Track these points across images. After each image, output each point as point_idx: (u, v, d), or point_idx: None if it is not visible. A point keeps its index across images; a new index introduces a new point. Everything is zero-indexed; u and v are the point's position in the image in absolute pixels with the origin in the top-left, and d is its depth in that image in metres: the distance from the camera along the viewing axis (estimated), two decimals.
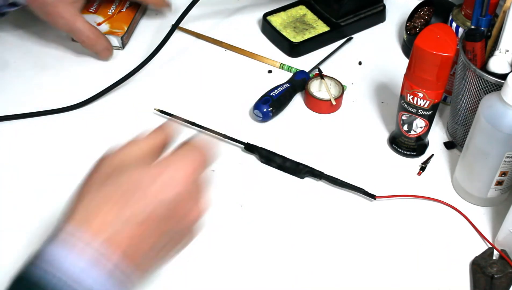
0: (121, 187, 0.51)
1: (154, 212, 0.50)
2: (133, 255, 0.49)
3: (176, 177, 0.52)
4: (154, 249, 0.52)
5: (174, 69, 0.90)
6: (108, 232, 0.47)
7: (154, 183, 0.51)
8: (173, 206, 0.52)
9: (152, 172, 0.52)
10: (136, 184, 0.51)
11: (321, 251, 0.70)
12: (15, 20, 0.96)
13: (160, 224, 0.51)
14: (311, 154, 0.79)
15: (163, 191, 0.51)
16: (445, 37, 0.70)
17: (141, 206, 0.50)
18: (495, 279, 0.67)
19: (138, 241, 0.50)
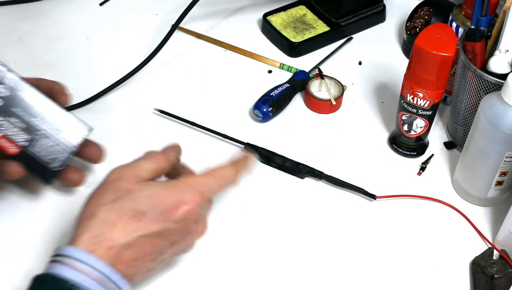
0: (132, 208, 0.55)
1: (163, 231, 0.55)
2: (132, 274, 0.55)
3: (189, 201, 0.57)
4: (152, 265, 0.57)
5: (174, 69, 0.90)
6: (115, 254, 0.53)
7: (166, 204, 0.56)
8: (181, 225, 0.57)
9: (166, 193, 0.57)
10: (146, 205, 0.55)
11: (321, 251, 0.69)
12: (15, 20, 0.96)
13: (165, 241, 0.56)
14: (311, 154, 0.79)
15: (174, 211, 0.56)
16: (445, 37, 0.70)
17: (151, 226, 0.55)
18: (495, 279, 0.67)
19: (140, 261, 0.55)
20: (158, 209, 0.55)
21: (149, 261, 0.56)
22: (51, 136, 0.66)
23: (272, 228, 0.71)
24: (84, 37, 0.94)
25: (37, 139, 0.65)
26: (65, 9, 0.98)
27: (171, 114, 0.82)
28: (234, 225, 0.71)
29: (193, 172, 0.64)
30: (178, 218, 0.56)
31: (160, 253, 0.56)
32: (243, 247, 0.69)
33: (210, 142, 0.80)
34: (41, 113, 0.66)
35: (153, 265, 0.57)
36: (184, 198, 0.56)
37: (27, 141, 0.65)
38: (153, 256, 0.55)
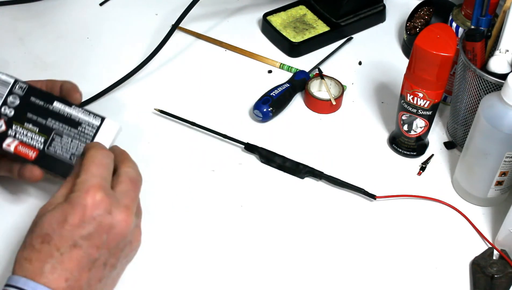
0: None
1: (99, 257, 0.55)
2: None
3: (120, 219, 0.56)
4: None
5: (174, 69, 0.90)
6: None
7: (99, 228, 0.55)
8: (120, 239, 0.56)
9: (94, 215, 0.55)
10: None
11: (321, 251, 0.69)
12: (15, 20, 0.96)
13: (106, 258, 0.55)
14: (311, 154, 0.79)
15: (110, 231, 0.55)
16: (445, 37, 0.70)
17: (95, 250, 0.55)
18: (495, 279, 0.67)
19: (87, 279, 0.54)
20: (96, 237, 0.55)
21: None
22: (67, 133, 0.66)
23: (272, 228, 0.71)
24: (84, 37, 0.94)
25: (54, 138, 0.66)
26: (65, 9, 0.98)
27: (171, 114, 0.82)
28: (234, 225, 0.71)
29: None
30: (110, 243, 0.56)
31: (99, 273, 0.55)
32: (243, 247, 0.69)
33: (210, 142, 0.80)
34: (55, 113, 0.66)
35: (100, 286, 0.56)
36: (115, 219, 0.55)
37: (44, 143, 0.66)
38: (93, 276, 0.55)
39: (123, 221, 0.55)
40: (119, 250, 0.56)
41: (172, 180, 0.75)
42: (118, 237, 0.55)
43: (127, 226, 0.56)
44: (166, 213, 0.72)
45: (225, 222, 0.72)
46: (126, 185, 0.58)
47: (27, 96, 0.67)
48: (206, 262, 0.68)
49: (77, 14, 0.98)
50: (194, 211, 0.72)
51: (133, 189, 0.59)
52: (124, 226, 0.55)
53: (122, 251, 0.56)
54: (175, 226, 0.70)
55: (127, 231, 0.56)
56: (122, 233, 0.55)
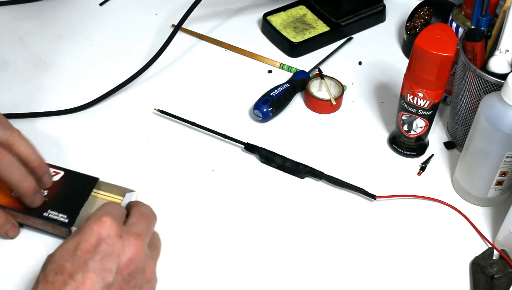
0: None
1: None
2: None
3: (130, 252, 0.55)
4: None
5: (174, 69, 0.90)
6: None
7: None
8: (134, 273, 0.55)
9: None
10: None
11: (321, 251, 0.69)
12: (15, 20, 0.96)
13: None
14: (311, 154, 0.79)
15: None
16: (445, 37, 0.70)
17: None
18: (495, 279, 0.67)
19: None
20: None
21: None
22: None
23: (272, 228, 0.71)
24: (84, 37, 0.94)
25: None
26: (65, 9, 0.98)
27: (171, 114, 0.82)
28: (234, 225, 0.71)
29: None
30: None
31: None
32: (243, 247, 0.69)
33: (210, 142, 0.80)
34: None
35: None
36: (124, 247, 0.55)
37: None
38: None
39: (134, 245, 0.55)
40: (133, 278, 0.54)
41: (172, 180, 0.75)
42: (130, 263, 0.54)
43: (139, 252, 0.55)
44: (166, 213, 0.72)
45: (225, 222, 0.72)
46: (136, 219, 0.58)
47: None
48: (206, 262, 0.68)
49: (77, 14, 0.98)
50: (194, 211, 0.72)
51: (144, 221, 0.58)
52: (135, 251, 0.54)
53: (136, 279, 0.55)
54: (175, 226, 0.70)
55: (139, 256, 0.55)
56: (134, 258, 0.54)
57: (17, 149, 0.64)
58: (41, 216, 0.67)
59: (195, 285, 0.66)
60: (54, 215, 0.67)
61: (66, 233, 0.67)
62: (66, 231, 0.67)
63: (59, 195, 0.69)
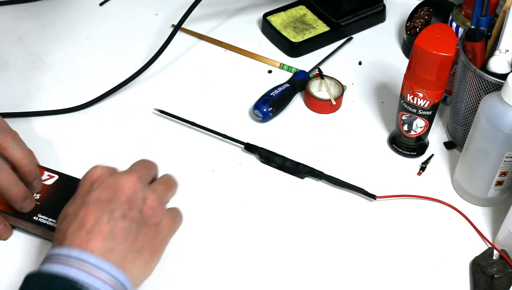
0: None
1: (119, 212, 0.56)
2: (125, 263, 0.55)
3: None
4: (132, 246, 0.55)
5: (174, 69, 0.90)
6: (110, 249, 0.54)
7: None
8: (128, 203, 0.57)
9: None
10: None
11: (321, 251, 0.69)
12: (15, 20, 0.96)
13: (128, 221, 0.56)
14: (311, 154, 0.79)
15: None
16: (445, 37, 0.70)
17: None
18: (495, 279, 0.67)
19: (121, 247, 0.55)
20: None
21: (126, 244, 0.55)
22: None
23: (272, 228, 0.71)
24: (84, 37, 0.94)
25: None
26: (65, 9, 0.98)
27: (171, 114, 0.82)
28: (234, 225, 0.71)
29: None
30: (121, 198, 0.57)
31: (130, 233, 0.56)
32: (243, 247, 0.69)
33: (210, 142, 0.80)
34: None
35: (134, 247, 0.55)
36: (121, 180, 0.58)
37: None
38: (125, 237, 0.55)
39: (126, 178, 0.57)
40: (134, 205, 0.56)
41: None
42: (126, 191, 0.56)
43: (132, 181, 0.57)
44: None
45: (225, 222, 0.72)
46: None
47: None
48: (206, 262, 0.68)
49: (77, 14, 0.98)
50: (194, 211, 0.72)
51: (143, 166, 0.61)
52: (127, 180, 0.57)
53: (137, 206, 0.56)
54: None
55: (134, 186, 0.57)
56: (128, 187, 0.57)
57: (10, 153, 0.65)
58: (31, 220, 0.66)
59: (195, 285, 0.66)
60: (44, 219, 0.66)
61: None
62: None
63: (51, 199, 0.68)
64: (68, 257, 0.52)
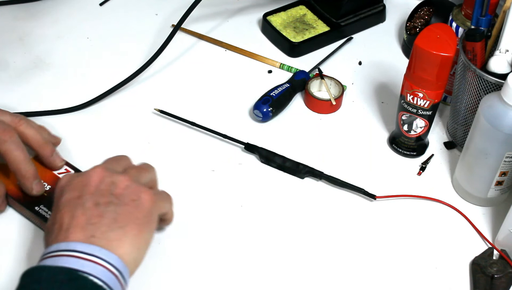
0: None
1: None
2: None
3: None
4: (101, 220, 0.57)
5: (174, 69, 0.90)
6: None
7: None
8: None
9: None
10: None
11: (321, 251, 0.69)
12: (15, 20, 0.96)
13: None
14: (311, 154, 0.79)
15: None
16: (445, 37, 0.70)
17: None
18: (495, 279, 0.67)
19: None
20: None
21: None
22: None
23: (272, 228, 0.71)
24: (84, 37, 0.94)
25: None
26: (65, 9, 0.98)
27: (171, 114, 0.82)
28: (234, 225, 0.71)
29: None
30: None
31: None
32: (243, 247, 0.69)
33: (210, 142, 0.80)
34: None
35: (116, 226, 0.56)
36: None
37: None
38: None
39: (91, 172, 0.60)
40: (105, 191, 0.58)
41: (172, 180, 0.75)
42: (92, 184, 0.58)
43: (97, 173, 0.59)
44: None
45: (225, 222, 0.72)
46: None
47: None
48: (206, 262, 0.68)
49: (77, 14, 0.98)
50: (194, 211, 0.72)
51: (107, 159, 0.64)
52: (92, 174, 0.59)
53: (109, 191, 0.58)
54: (175, 226, 0.70)
55: (100, 177, 0.59)
56: (95, 180, 0.59)
57: (24, 130, 0.69)
58: (33, 209, 0.67)
59: (195, 284, 0.66)
60: (44, 211, 0.67)
61: None
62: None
63: None
64: (56, 251, 0.53)
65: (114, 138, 0.80)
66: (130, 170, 0.63)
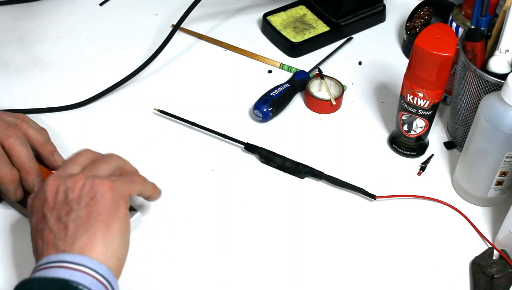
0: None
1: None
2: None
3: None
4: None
5: (174, 69, 0.90)
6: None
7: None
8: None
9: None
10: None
11: (321, 251, 0.69)
12: (15, 20, 0.96)
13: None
14: (311, 154, 0.79)
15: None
16: (445, 37, 0.70)
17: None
18: (495, 279, 0.67)
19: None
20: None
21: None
22: None
23: (272, 228, 0.71)
24: (84, 37, 0.94)
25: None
26: (65, 9, 0.98)
27: (171, 114, 0.82)
28: (234, 225, 0.71)
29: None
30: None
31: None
32: (243, 247, 0.69)
33: (210, 142, 0.80)
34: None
35: (83, 230, 0.56)
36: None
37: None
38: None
39: (45, 187, 0.59)
40: (63, 201, 0.57)
41: (172, 180, 0.75)
42: (48, 197, 0.58)
43: (50, 186, 0.58)
44: (166, 213, 0.72)
45: (225, 222, 0.72)
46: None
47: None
48: (206, 262, 0.68)
49: (77, 14, 0.98)
50: (194, 211, 0.72)
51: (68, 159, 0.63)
52: (46, 188, 0.58)
53: (67, 199, 0.57)
54: (175, 226, 0.70)
55: (54, 189, 0.58)
56: (50, 194, 0.58)
57: (26, 129, 0.70)
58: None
59: (195, 285, 0.66)
60: None
61: None
62: None
63: None
64: (37, 267, 0.54)
65: (114, 138, 0.80)
66: (87, 166, 0.61)
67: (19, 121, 0.70)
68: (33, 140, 0.70)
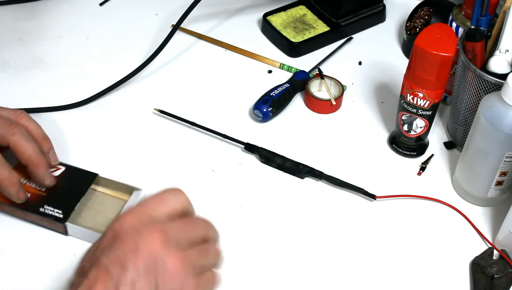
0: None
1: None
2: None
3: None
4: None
5: (174, 69, 0.90)
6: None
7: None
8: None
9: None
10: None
11: (321, 251, 0.69)
12: (15, 20, 0.96)
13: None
14: (311, 154, 0.79)
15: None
16: (445, 37, 0.70)
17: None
18: (495, 279, 0.67)
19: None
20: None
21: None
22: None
23: (272, 228, 0.71)
24: (84, 37, 0.94)
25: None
26: (65, 9, 0.98)
27: (171, 114, 0.82)
28: (234, 225, 0.71)
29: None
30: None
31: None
32: (243, 247, 0.69)
33: (210, 142, 0.80)
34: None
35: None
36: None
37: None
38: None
39: (150, 237, 0.49)
40: (151, 273, 0.48)
41: (172, 180, 0.75)
42: (145, 255, 0.48)
43: (155, 243, 0.49)
44: None
45: (225, 222, 0.71)
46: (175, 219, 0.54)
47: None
48: None
49: (77, 14, 0.98)
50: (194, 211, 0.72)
51: (181, 221, 0.54)
52: (151, 242, 0.49)
53: (156, 274, 0.48)
54: None
55: (156, 248, 0.49)
56: (150, 250, 0.48)
57: (25, 123, 0.70)
58: (38, 211, 0.68)
59: None
60: (50, 210, 0.68)
61: (62, 228, 0.68)
62: (61, 226, 0.67)
63: (57, 190, 0.69)
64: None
65: (114, 138, 0.80)
66: (191, 249, 0.51)
67: (18, 114, 0.70)
68: (33, 134, 0.70)
